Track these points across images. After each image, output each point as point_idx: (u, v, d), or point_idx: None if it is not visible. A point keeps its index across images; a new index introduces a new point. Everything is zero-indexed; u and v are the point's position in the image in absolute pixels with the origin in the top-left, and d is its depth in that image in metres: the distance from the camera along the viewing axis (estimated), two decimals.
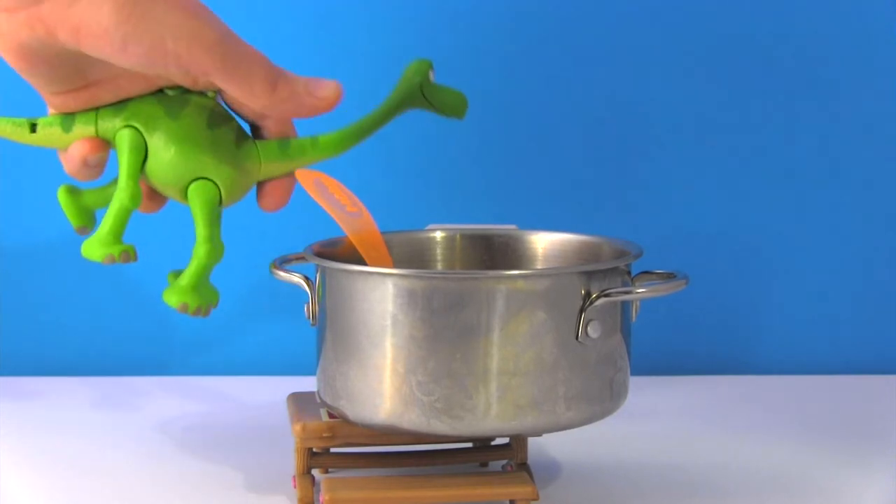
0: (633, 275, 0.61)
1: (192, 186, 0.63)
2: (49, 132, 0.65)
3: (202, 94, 0.62)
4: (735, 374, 0.98)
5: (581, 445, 0.75)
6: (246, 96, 0.58)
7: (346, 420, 0.60)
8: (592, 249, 0.68)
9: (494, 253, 0.71)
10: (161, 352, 0.96)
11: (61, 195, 0.65)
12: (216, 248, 0.63)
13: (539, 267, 0.70)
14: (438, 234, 0.72)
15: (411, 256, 0.71)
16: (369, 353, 0.57)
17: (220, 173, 0.63)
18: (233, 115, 0.63)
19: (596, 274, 0.57)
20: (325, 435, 0.61)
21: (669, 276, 0.61)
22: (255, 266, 0.77)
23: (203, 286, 0.63)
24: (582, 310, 0.57)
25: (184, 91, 0.61)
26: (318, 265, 0.61)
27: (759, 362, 1.00)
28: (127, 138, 0.62)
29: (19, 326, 0.98)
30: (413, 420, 0.57)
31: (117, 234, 0.62)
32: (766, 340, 1.00)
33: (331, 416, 0.63)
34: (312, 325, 0.63)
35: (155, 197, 0.63)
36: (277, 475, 0.68)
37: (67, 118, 0.63)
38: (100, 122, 0.62)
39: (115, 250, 0.62)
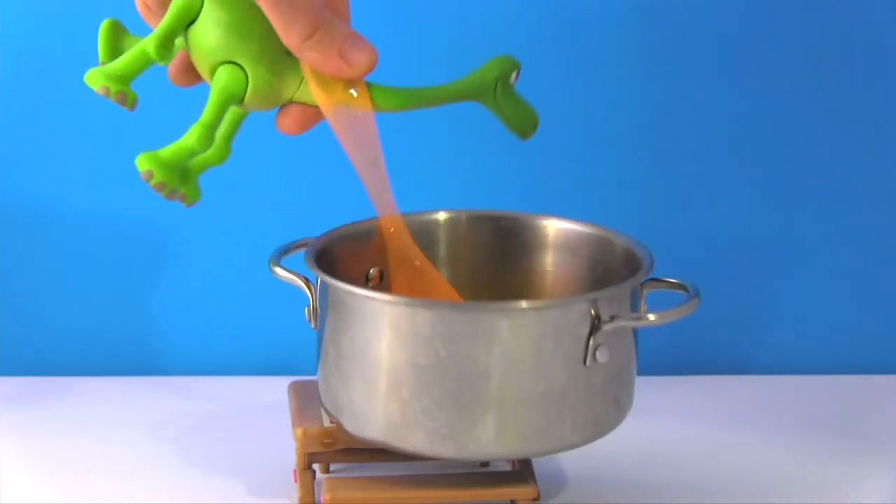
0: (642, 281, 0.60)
1: (223, 67, 0.58)
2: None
3: None
4: (739, 375, 0.98)
5: (584, 445, 0.75)
6: (281, 31, 0.55)
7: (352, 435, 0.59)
8: (602, 244, 0.66)
9: (501, 237, 0.69)
10: (160, 352, 0.96)
11: (103, 26, 0.60)
12: (209, 137, 0.57)
13: (548, 259, 0.68)
14: (442, 216, 0.69)
15: (415, 239, 0.68)
16: (373, 375, 0.56)
17: (257, 67, 0.57)
18: None
19: (605, 298, 0.56)
20: (325, 441, 0.62)
21: (678, 287, 0.60)
22: (257, 262, 0.76)
23: (180, 170, 0.57)
24: (590, 335, 0.55)
25: None
26: (318, 276, 0.59)
27: (761, 362, 1.00)
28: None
29: (19, 326, 0.98)
30: (416, 444, 0.56)
31: (125, 74, 0.56)
32: (770, 341, 1.00)
33: (332, 421, 0.63)
34: (314, 327, 0.61)
35: (189, 71, 0.59)
36: (277, 474, 0.68)
37: None
38: None
39: (115, 85, 0.56)
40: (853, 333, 0.99)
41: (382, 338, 0.55)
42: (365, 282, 0.65)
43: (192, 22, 0.57)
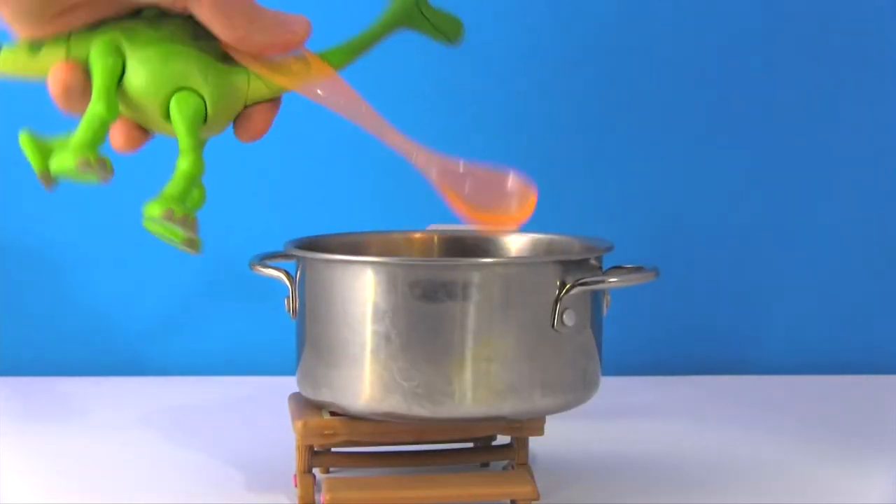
0: (604, 269, 0.62)
1: (175, 97, 0.58)
2: (12, 56, 0.59)
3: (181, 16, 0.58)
4: (736, 374, 0.98)
5: (582, 445, 0.75)
6: (222, 29, 0.55)
7: (324, 408, 0.62)
8: (563, 247, 0.69)
9: (468, 254, 0.73)
10: (161, 352, 0.96)
11: (24, 138, 0.59)
12: (200, 159, 0.58)
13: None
14: (416, 235, 0.74)
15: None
16: (350, 340, 0.58)
17: (206, 84, 0.58)
18: None
19: (570, 264, 0.59)
20: (326, 432, 0.61)
21: (638, 270, 0.61)
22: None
23: (188, 197, 0.58)
24: (557, 299, 0.58)
25: (162, 13, 0.57)
26: (298, 257, 0.62)
27: (761, 362, 1.00)
28: (102, 47, 0.57)
29: (19, 326, 0.98)
30: (393, 405, 0.58)
31: (91, 143, 0.56)
32: (767, 340, 1.00)
33: (332, 413, 0.63)
34: (293, 318, 0.64)
35: (134, 132, 0.58)
36: (278, 475, 0.68)
37: (35, 42, 0.57)
38: (72, 44, 0.57)
39: (92, 154, 0.56)
40: (852, 333, 0.99)
41: (357, 299, 0.57)
42: None
43: (122, 75, 0.57)
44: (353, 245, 0.71)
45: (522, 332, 0.57)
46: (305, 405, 0.65)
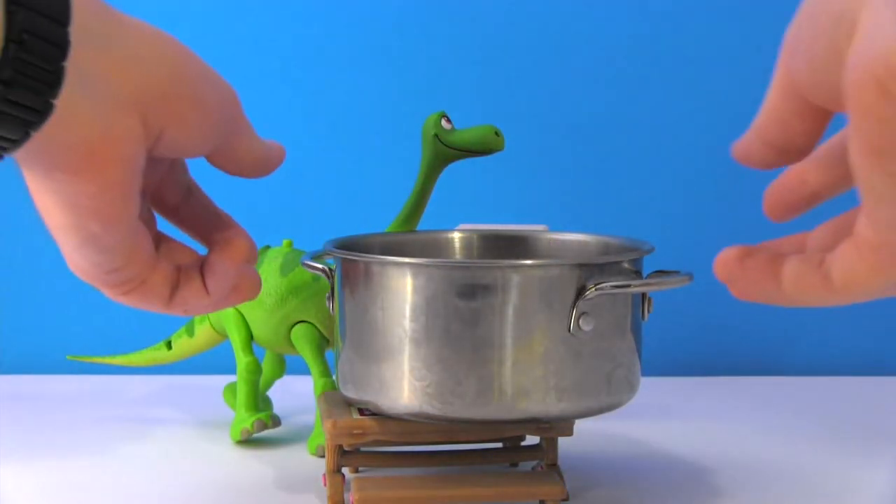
0: (645, 275, 0.60)
1: (293, 332, 0.74)
2: (182, 343, 0.82)
3: (267, 247, 0.75)
4: (768, 376, 0.97)
5: (611, 446, 0.74)
6: (251, 167, 0.52)
7: (363, 407, 0.62)
8: (605, 249, 0.68)
9: (510, 253, 0.72)
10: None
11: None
12: (330, 377, 0.73)
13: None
14: (457, 235, 0.73)
15: (433, 255, 0.72)
16: (368, 339, 0.58)
17: (313, 314, 0.73)
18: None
19: (591, 267, 0.57)
20: (355, 432, 0.61)
21: (673, 274, 0.60)
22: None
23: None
24: (574, 303, 0.56)
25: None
26: (334, 257, 0.63)
27: (793, 364, 0.99)
28: (232, 318, 0.75)
29: (19, 326, 0.99)
30: (406, 404, 0.58)
31: (249, 406, 0.74)
32: (799, 342, 1.00)
33: (361, 412, 0.63)
34: (332, 313, 0.64)
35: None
36: (309, 475, 0.68)
37: (188, 325, 0.79)
38: (211, 316, 0.77)
39: (248, 422, 0.74)
40: (875, 335, 0.98)
41: (374, 300, 0.58)
42: None
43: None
44: (390, 245, 0.71)
45: (535, 336, 0.56)
46: (336, 405, 0.65)
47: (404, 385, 0.57)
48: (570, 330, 0.56)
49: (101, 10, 0.42)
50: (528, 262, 0.57)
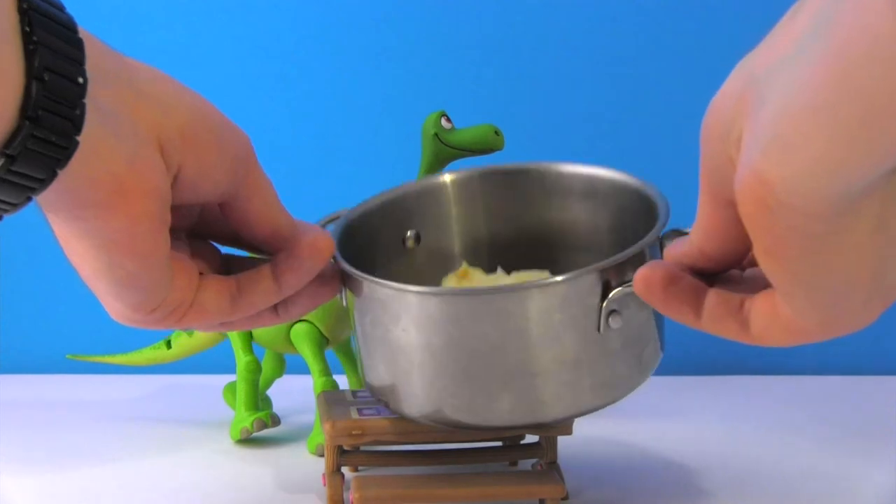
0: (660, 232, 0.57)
1: (293, 331, 0.73)
2: (182, 343, 0.82)
3: None
4: (767, 375, 0.97)
5: (611, 444, 0.75)
6: (268, 222, 0.52)
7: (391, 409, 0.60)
8: (622, 190, 0.62)
9: (514, 190, 0.67)
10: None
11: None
12: (331, 377, 0.73)
13: (565, 207, 0.65)
14: (448, 178, 0.67)
15: (426, 204, 0.67)
16: (393, 356, 0.56)
17: (313, 313, 0.72)
18: None
19: (614, 267, 0.54)
20: (354, 432, 0.61)
21: None
22: None
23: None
24: (601, 305, 0.54)
25: None
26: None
27: (792, 363, 0.99)
28: None
29: (19, 325, 0.99)
30: (440, 418, 0.56)
31: (249, 405, 0.75)
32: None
33: (360, 413, 0.63)
34: (344, 304, 0.61)
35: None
36: (309, 474, 0.69)
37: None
38: None
39: (248, 422, 0.74)
40: (875, 335, 0.98)
41: (396, 321, 0.55)
42: (402, 245, 0.66)
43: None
44: (388, 210, 0.66)
45: (565, 345, 0.54)
46: (335, 404, 0.65)
47: (436, 400, 0.56)
48: (599, 330, 0.54)
49: (110, 53, 0.44)
50: (549, 280, 0.54)
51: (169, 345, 0.83)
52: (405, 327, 0.55)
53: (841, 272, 0.37)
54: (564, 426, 0.63)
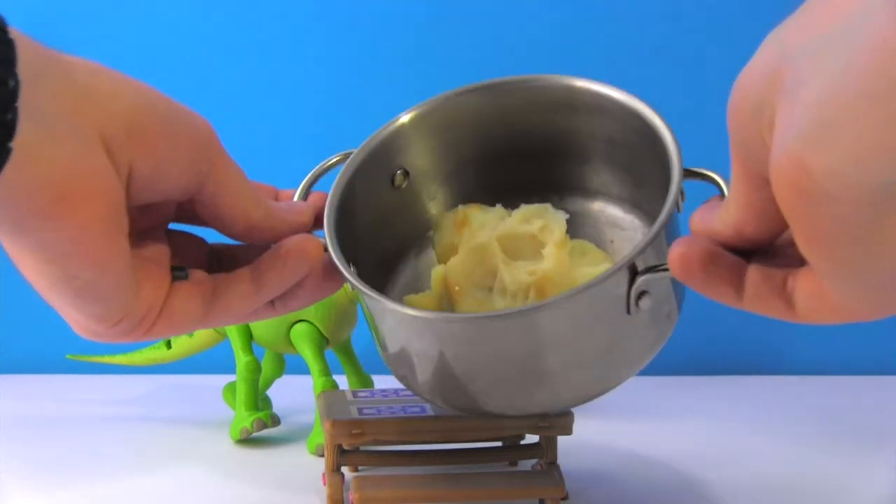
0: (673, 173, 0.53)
1: (293, 331, 0.73)
2: (181, 343, 0.82)
3: None
4: (766, 375, 0.97)
5: (610, 444, 0.75)
6: (235, 217, 0.49)
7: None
8: (629, 115, 0.57)
9: (502, 111, 0.61)
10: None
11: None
12: (330, 377, 0.73)
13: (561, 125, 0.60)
14: (408, 117, 0.61)
15: (403, 149, 0.61)
16: (419, 368, 0.55)
17: (313, 313, 0.72)
18: None
19: (636, 258, 0.50)
20: (354, 432, 0.61)
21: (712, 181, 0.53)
22: None
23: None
24: (628, 294, 0.51)
25: None
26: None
27: (790, 363, 0.99)
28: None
29: (19, 325, 0.99)
30: (472, 410, 0.56)
31: (249, 405, 0.75)
32: (797, 341, 1.00)
33: (360, 413, 0.63)
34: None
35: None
36: (309, 474, 0.68)
37: None
38: None
39: (248, 422, 0.74)
40: (875, 335, 0.98)
41: (422, 337, 0.53)
42: (392, 185, 0.61)
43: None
44: (373, 159, 0.60)
45: (596, 336, 0.52)
46: (335, 404, 0.65)
47: (472, 400, 0.55)
48: (629, 313, 0.51)
49: (46, 52, 0.40)
50: (575, 291, 0.50)
51: (169, 345, 0.83)
52: (429, 342, 0.53)
53: (889, 256, 0.36)
54: (564, 426, 0.63)
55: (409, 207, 0.62)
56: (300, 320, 0.73)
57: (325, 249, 0.53)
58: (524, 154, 0.62)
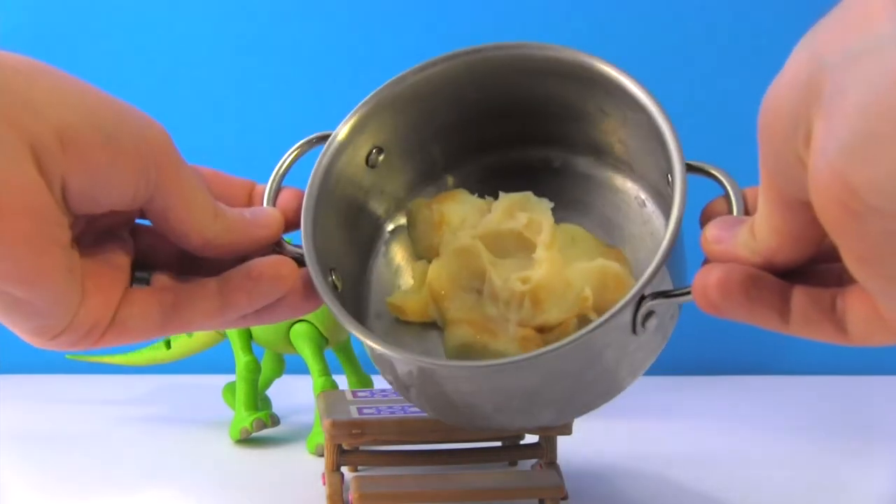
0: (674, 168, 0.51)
1: (293, 331, 0.74)
2: (181, 343, 0.82)
3: None
4: (764, 375, 0.97)
5: (610, 444, 0.75)
6: (189, 230, 0.46)
7: None
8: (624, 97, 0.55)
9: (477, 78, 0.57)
10: None
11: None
12: (329, 376, 0.73)
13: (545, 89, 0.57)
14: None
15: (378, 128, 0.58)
16: (415, 394, 0.54)
17: (312, 313, 0.67)
18: None
19: (647, 285, 0.49)
20: (354, 432, 0.61)
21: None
22: None
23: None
24: (634, 319, 0.49)
25: None
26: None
27: (788, 363, 0.99)
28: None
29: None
30: (484, 429, 0.57)
31: (248, 405, 0.75)
32: (793, 341, 1.00)
33: (360, 412, 0.63)
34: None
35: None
36: (308, 474, 0.68)
37: None
38: None
39: (248, 422, 0.74)
40: None
41: (418, 379, 0.52)
42: (366, 165, 0.58)
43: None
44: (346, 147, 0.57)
45: (603, 362, 0.51)
46: (335, 404, 0.65)
47: (487, 418, 0.54)
48: (635, 333, 0.50)
49: None
50: (582, 334, 0.48)
51: (168, 345, 0.83)
52: (427, 380, 0.52)
53: None
54: (564, 426, 0.63)
55: (385, 185, 0.59)
56: (300, 320, 0.73)
57: (303, 264, 0.50)
58: (503, 114, 0.59)
